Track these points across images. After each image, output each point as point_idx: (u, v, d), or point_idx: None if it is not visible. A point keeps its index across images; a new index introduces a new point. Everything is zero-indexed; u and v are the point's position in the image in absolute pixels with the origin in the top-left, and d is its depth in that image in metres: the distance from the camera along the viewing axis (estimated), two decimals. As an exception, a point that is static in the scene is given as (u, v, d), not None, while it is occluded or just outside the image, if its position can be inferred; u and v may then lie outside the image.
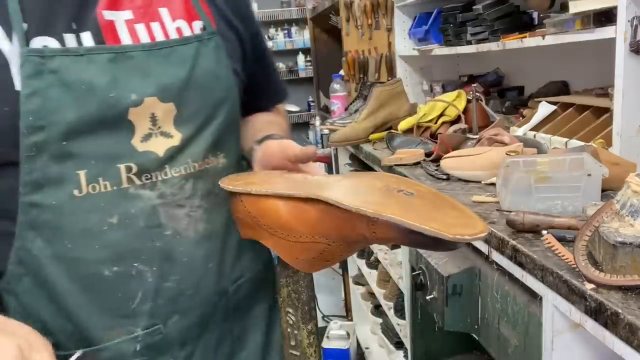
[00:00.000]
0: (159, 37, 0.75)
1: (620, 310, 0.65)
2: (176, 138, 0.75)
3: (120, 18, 0.73)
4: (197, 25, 0.79)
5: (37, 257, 0.70)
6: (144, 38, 0.74)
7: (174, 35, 0.76)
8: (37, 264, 0.70)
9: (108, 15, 0.72)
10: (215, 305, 0.82)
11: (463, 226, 0.48)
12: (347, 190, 0.57)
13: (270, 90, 1.05)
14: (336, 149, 2.54)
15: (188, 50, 0.76)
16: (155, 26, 0.75)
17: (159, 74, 0.73)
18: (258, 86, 0.96)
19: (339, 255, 0.61)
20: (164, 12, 0.77)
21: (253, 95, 0.94)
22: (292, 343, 0.72)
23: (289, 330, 0.72)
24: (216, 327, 0.83)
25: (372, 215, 0.48)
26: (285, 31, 5.57)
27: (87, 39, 0.70)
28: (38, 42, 0.67)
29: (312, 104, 5.59)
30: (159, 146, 0.74)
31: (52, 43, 0.68)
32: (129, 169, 0.71)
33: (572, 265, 0.76)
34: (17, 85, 0.65)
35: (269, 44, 5.53)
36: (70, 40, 0.69)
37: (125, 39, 0.72)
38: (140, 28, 0.74)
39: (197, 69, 0.76)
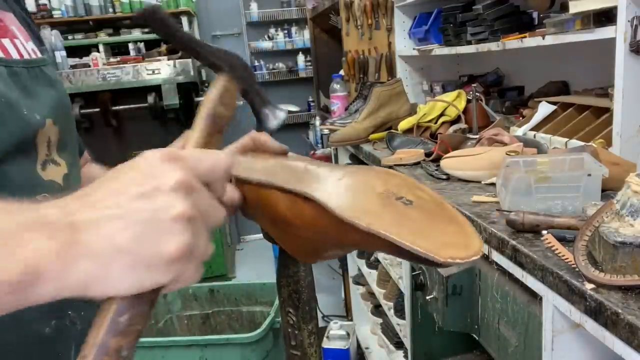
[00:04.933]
0: (26, 55, 0.67)
1: (620, 310, 0.65)
2: (63, 166, 0.68)
3: None
4: (40, 49, 0.72)
5: None
6: (14, 54, 0.65)
7: (33, 55, 0.69)
8: None
9: None
10: None
11: (457, 246, 0.48)
12: (344, 191, 0.56)
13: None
14: (336, 149, 2.54)
15: (50, 73, 0.70)
16: (18, 43, 0.67)
17: (43, 95, 0.66)
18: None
19: (336, 253, 0.61)
20: (16, 31, 0.69)
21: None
22: (293, 343, 0.72)
23: (289, 330, 0.72)
24: None
25: (364, 229, 0.47)
26: (285, 31, 5.57)
27: None
28: None
29: (312, 104, 5.59)
30: (56, 174, 0.66)
31: None
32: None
33: (572, 265, 0.76)
34: None
35: (269, 44, 5.53)
36: None
37: None
38: (7, 43, 0.65)
39: (62, 93, 0.71)
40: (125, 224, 0.36)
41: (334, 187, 0.56)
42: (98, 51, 4.06)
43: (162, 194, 0.38)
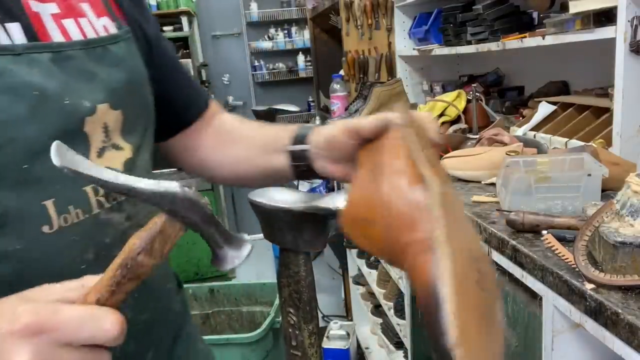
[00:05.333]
0: (90, 34, 0.64)
1: (620, 310, 0.65)
2: (127, 150, 0.66)
3: (46, 11, 0.61)
4: (116, 25, 0.69)
5: None
6: (76, 35, 0.62)
7: (102, 33, 0.66)
8: None
9: (34, 6, 0.59)
10: (170, 331, 0.76)
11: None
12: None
13: (193, 95, 0.87)
14: (336, 149, 2.54)
15: (119, 50, 0.66)
16: (84, 22, 0.64)
17: (101, 77, 0.62)
18: (178, 92, 0.83)
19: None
20: (86, 7, 0.66)
21: (172, 104, 0.81)
22: (294, 343, 0.72)
23: (290, 330, 0.72)
24: (165, 350, 0.76)
25: (448, 346, 0.39)
26: (285, 31, 5.57)
27: (17, 32, 0.57)
28: None
29: (312, 104, 5.59)
30: (116, 160, 0.64)
31: None
32: (96, 191, 0.60)
33: (572, 265, 0.76)
34: None
35: (269, 44, 5.53)
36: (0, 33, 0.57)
37: (57, 36, 0.61)
38: (69, 24, 0.63)
39: (131, 71, 0.67)
40: None
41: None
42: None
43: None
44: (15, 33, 0.57)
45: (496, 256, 0.96)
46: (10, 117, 0.53)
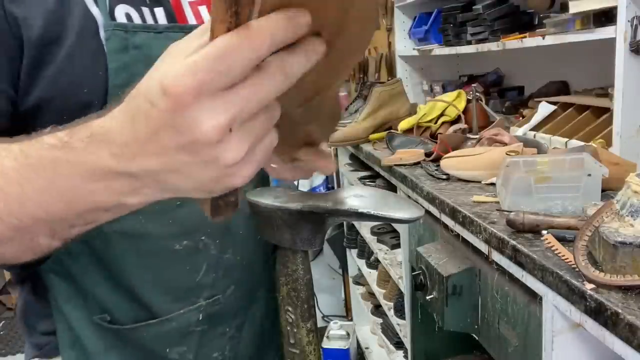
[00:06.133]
0: None
1: (620, 310, 0.65)
2: None
3: (185, 0, 0.72)
4: None
5: (105, 232, 0.69)
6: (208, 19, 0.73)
7: None
8: (103, 239, 0.69)
9: None
10: (261, 276, 0.85)
11: None
12: None
13: None
14: (336, 149, 2.54)
15: None
16: None
17: None
18: None
19: None
20: None
21: None
22: (292, 341, 0.72)
23: (288, 328, 0.72)
24: (262, 298, 0.87)
25: None
26: (285, 31, 5.58)
27: (161, 15, 0.69)
28: (121, 11, 0.66)
29: None
30: None
31: (133, 14, 0.67)
32: None
33: (572, 265, 0.76)
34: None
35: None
36: (147, 14, 0.68)
37: (192, 19, 0.72)
38: (203, 10, 0.73)
39: None
40: (184, 177, 0.38)
41: None
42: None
43: (204, 148, 0.35)
44: (160, 16, 0.69)
45: (496, 256, 0.96)
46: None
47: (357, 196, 0.68)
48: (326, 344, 2.54)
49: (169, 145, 0.36)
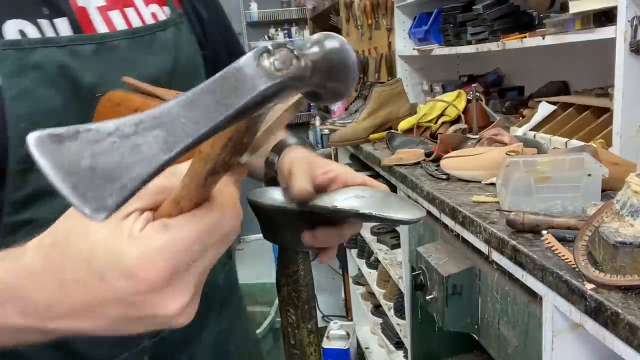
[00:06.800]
0: (136, 23, 0.66)
1: (620, 310, 0.65)
2: None
3: (91, 5, 0.64)
4: (167, 10, 0.71)
5: None
6: (120, 26, 0.65)
7: (150, 21, 0.67)
8: None
9: (80, 1, 0.63)
10: (211, 298, 0.79)
11: None
12: None
13: None
14: (336, 149, 2.54)
15: (167, 37, 0.68)
16: (130, 12, 0.66)
17: (145, 66, 0.64)
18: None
19: None
20: None
21: None
22: (292, 342, 0.72)
23: (289, 329, 0.72)
24: (214, 319, 0.81)
25: None
26: (285, 31, 5.57)
27: (64, 26, 0.60)
28: (11, 28, 0.56)
29: (312, 104, 5.58)
30: None
31: (29, 29, 0.57)
32: None
33: (572, 265, 0.76)
34: None
35: (269, 44, 5.52)
36: (46, 27, 0.59)
37: (101, 28, 0.63)
38: (114, 15, 0.65)
39: (179, 59, 0.69)
40: (117, 330, 0.36)
41: None
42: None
43: (158, 317, 0.34)
44: (62, 27, 0.60)
45: (496, 256, 0.96)
46: (48, 107, 0.56)
47: (358, 197, 0.67)
48: (326, 344, 2.54)
49: (114, 315, 0.34)
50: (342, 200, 0.67)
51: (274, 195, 0.74)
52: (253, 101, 0.29)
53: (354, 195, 0.68)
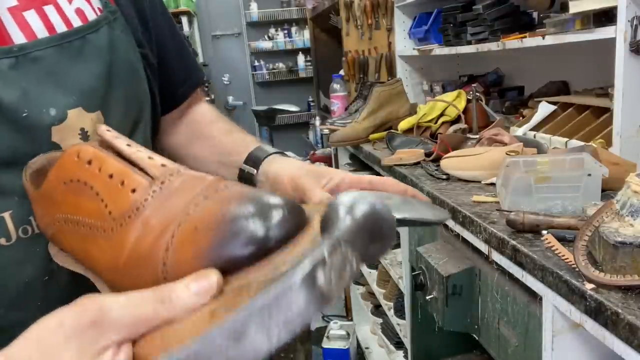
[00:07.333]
0: (59, 26, 0.56)
1: (620, 310, 0.65)
2: None
3: (2, 5, 0.53)
4: (95, 3, 0.60)
5: None
6: (40, 30, 0.54)
7: (76, 21, 0.57)
8: None
9: None
10: None
11: None
12: None
13: (188, 67, 0.82)
14: (336, 149, 2.54)
15: (100, 40, 0.59)
16: (50, 11, 0.56)
17: (76, 77, 0.56)
18: (173, 67, 0.77)
19: None
20: None
21: (169, 79, 0.76)
22: None
23: (282, 355, 0.69)
24: None
25: None
26: (285, 31, 5.57)
27: None
28: None
29: (312, 104, 5.59)
30: None
31: None
32: None
33: (572, 265, 0.76)
34: None
35: (269, 44, 5.52)
36: None
37: (16, 34, 0.53)
38: (31, 17, 0.54)
39: (114, 62, 0.60)
40: None
41: None
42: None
43: None
44: None
45: (496, 256, 0.96)
46: None
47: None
48: (326, 344, 2.54)
49: None
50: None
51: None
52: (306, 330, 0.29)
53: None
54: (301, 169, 0.66)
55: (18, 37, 0.53)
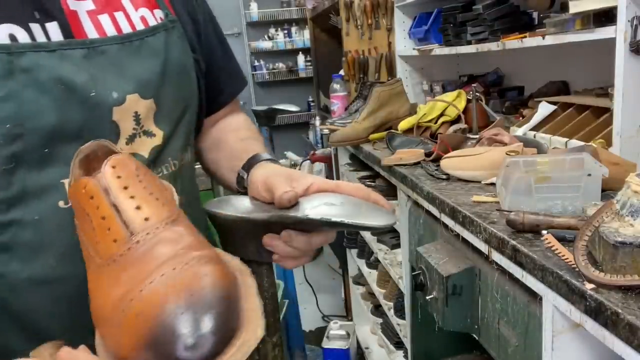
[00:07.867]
0: (125, 28, 0.69)
1: (620, 310, 0.65)
2: (158, 136, 0.71)
3: (82, 8, 0.65)
4: (158, 13, 0.73)
5: (11, 283, 0.62)
6: (110, 30, 0.67)
7: (139, 25, 0.70)
8: (9, 290, 0.62)
9: (72, 4, 0.64)
10: None
11: None
12: None
13: (232, 77, 0.95)
14: (336, 149, 2.54)
15: (157, 42, 0.71)
16: (119, 16, 0.69)
17: (135, 69, 0.67)
18: (219, 73, 0.89)
19: None
20: (124, 0, 0.70)
21: (213, 85, 0.88)
22: (256, 357, 0.70)
23: None
24: None
25: None
26: (285, 31, 5.57)
27: (54, 31, 0.62)
28: (2, 32, 0.58)
29: (312, 104, 5.59)
30: (144, 147, 0.69)
31: (19, 33, 0.59)
32: None
33: (572, 265, 0.76)
34: None
35: (269, 44, 5.52)
36: (37, 31, 0.61)
37: (91, 31, 0.65)
38: (104, 19, 0.67)
39: (168, 61, 0.71)
40: None
41: None
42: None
43: None
44: (53, 32, 0.62)
45: (496, 256, 0.96)
46: (35, 109, 0.59)
47: (328, 204, 0.65)
48: (326, 344, 2.54)
49: None
50: (312, 208, 0.64)
51: (236, 204, 0.71)
52: None
53: (324, 202, 0.65)
54: (276, 173, 0.73)
55: (92, 34, 0.65)
